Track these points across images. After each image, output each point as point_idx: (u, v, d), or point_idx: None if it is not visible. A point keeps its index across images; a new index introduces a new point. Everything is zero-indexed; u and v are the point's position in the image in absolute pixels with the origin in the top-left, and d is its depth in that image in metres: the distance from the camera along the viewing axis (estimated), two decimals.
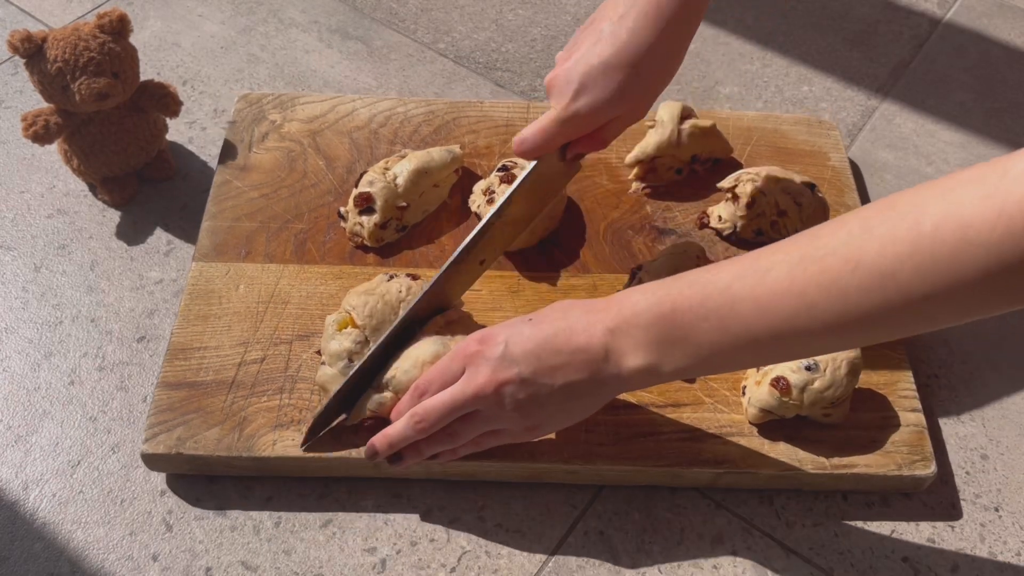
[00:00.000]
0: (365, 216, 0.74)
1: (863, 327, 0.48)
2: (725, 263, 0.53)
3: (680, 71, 0.96)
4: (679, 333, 0.52)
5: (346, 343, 0.64)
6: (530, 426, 0.59)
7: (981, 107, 0.95)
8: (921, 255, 0.44)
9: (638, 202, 0.80)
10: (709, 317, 0.51)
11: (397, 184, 0.75)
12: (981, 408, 0.72)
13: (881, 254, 0.45)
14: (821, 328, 0.48)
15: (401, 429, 0.60)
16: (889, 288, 0.45)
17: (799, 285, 0.48)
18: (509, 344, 0.56)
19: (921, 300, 0.45)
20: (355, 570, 0.62)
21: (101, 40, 0.73)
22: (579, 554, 0.64)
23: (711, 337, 0.51)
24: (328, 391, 0.64)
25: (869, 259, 0.46)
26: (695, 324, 0.52)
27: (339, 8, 1.02)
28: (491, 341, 0.57)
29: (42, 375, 0.71)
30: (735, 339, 0.51)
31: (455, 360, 0.59)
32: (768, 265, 0.50)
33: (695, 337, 0.52)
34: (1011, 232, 0.41)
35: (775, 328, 0.49)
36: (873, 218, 0.47)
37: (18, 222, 0.80)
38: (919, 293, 0.45)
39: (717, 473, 0.65)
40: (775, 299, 0.49)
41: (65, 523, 0.64)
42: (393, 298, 0.66)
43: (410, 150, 0.79)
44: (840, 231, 0.48)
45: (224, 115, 0.89)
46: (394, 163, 0.77)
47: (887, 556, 0.64)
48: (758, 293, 0.50)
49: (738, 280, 0.51)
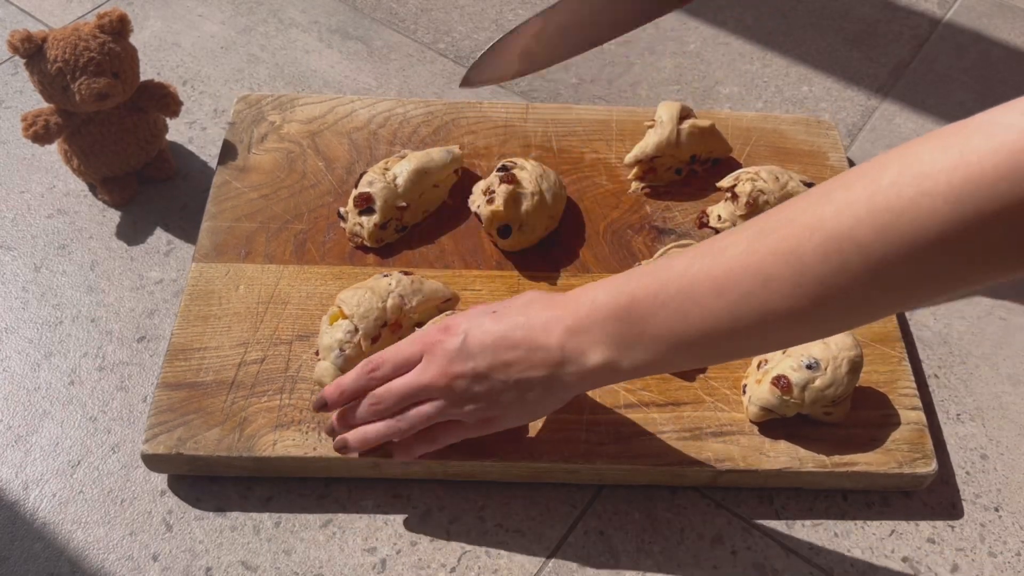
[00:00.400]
0: (365, 216, 0.74)
1: (824, 302, 0.45)
2: (687, 249, 0.51)
3: (680, 71, 0.97)
4: (637, 327, 0.51)
5: (337, 334, 0.65)
6: (485, 419, 0.59)
7: (981, 107, 0.94)
8: (878, 211, 0.42)
9: (638, 202, 0.80)
10: (667, 304, 0.49)
11: (397, 184, 0.75)
12: (981, 408, 0.72)
13: (838, 215, 0.43)
14: (778, 304, 0.46)
15: (361, 409, 0.60)
16: (847, 250, 0.43)
17: (757, 258, 0.46)
18: (468, 336, 0.56)
19: (881, 262, 0.42)
20: (355, 570, 0.62)
21: (101, 40, 0.73)
22: (579, 554, 0.64)
23: (669, 326, 0.50)
24: (324, 386, 0.64)
25: (827, 222, 0.44)
26: (653, 314, 0.50)
27: (339, 8, 1.02)
28: (451, 331, 0.57)
29: (42, 375, 0.71)
30: (693, 327, 0.49)
31: (414, 345, 0.59)
32: (726, 243, 0.48)
33: (653, 329, 0.50)
34: (969, 179, 0.39)
35: (732, 310, 0.47)
36: (833, 185, 0.45)
37: (18, 222, 0.80)
38: (878, 253, 0.42)
39: (717, 472, 0.65)
40: (732, 276, 0.47)
41: (65, 523, 0.64)
42: (382, 289, 0.67)
43: (410, 150, 0.79)
44: (800, 202, 0.46)
45: (224, 115, 0.89)
46: (394, 163, 0.77)
47: (887, 556, 0.64)
48: (715, 273, 0.48)
49: (696, 261, 0.49)
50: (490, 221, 0.74)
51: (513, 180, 0.74)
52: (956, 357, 0.75)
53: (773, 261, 0.45)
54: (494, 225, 0.74)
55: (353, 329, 0.65)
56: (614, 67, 0.97)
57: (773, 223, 0.47)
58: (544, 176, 0.76)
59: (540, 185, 0.75)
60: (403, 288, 0.67)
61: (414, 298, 0.67)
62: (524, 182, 0.74)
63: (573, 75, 0.96)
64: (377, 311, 0.65)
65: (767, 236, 0.46)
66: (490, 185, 0.75)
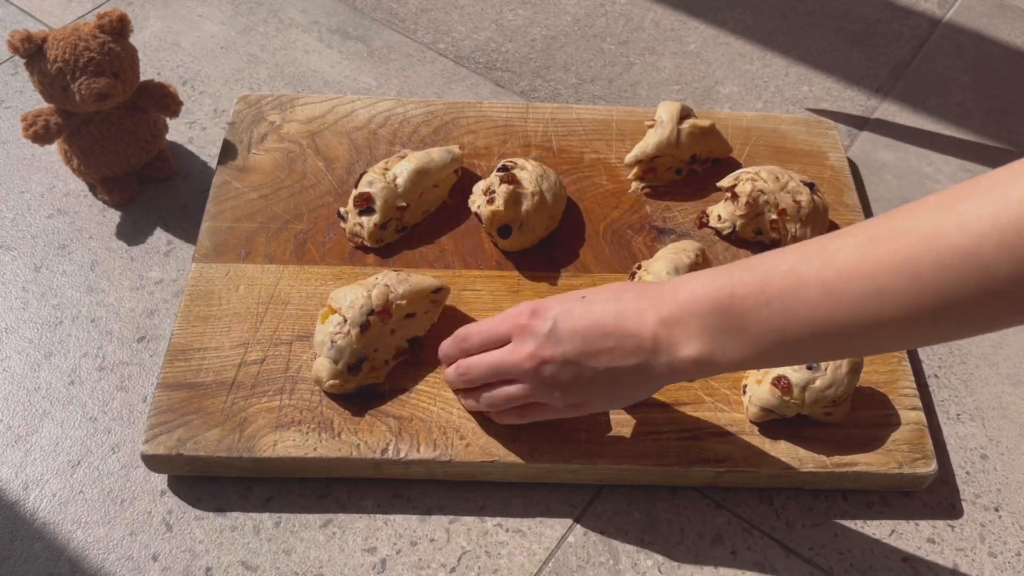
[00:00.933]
0: (365, 216, 0.74)
1: (939, 315, 0.43)
2: (788, 248, 0.50)
3: (680, 71, 0.97)
4: (737, 322, 0.50)
5: (328, 328, 0.66)
6: (572, 404, 0.59)
7: (981, 107, 0.95)
8: (1005, 230, 0.40)
9: (637, 202, 0.80)
10: (771, 303, 0.48)
11: (397, 184, 0.75)
12: (981, 408, 0.72)
13: (961, 229, 0.42)
14: (891, 314, 0.45)
15: (450, 372, 0.63)
16: (969, 267, 0.41)
17: (869, 264, 0.45)
18: (558, 321, 0.56)
19: (1005, 281, 0.41)
20: (355, 570, 0.62)
21: (101, 40, 0.73)
22: (579, 554, 0.64)
23: (772, 324, 0.49)
24: (322, 381, 0.65)
25: (947, 236, 0.42)
26: (755, 311, 0.49)
27: (339, 8, 1.02)
28: (540, 315, 0.57)
29: (42, 375, 0.71)
30: (798, 327, 0.48)
31: (503, 323, 0.59)
32: (836, 246, 0.47)
33: (754, 326, 0.49)
34: None
35: (841, 314, 0.46)
36: (951, 197, 0.43)
37: (18, 222, 0.80)
38: (1002, 273, 0.41)
39: (718, 472, 0.65)
40: (842, 281, 0.46)
41: (65, 523, 0.64)
42: (368, 282, 0.67)
43: (410, 150, 0.79)
44: (915, 211, 0.45)
45: (224, 115, 0.89)
46: (394, 163, 0.77)
47: (887, 556, 0.64)
48: (824, 275, 0.46)
49: (803, 262, 0.48)
50: (490, 221, 0.74)
51: (513, 180, 0.74)
52: (956, 357, 0.75)
53: (887, 271, 0.44)
54: (494, 225, 0.74)
55: (342, 320, 0.65)
56: (614, 67, 0.97)
57: (886, 230, 0.45)
58: (544, 176, 0.76)
59: (540, 185, 0.75)
60: (388, 279, 0.67)
61: (400, 287, 0.67)
62: (524, 182, 0.74)
63: (573, 75, 0.96)
64: (363, 299, 0.65)
65: (880, 243, 0.45)
66: (490, 185, 0.75)
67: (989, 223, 0.41)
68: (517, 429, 0.65)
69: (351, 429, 0.65)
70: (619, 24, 1.01)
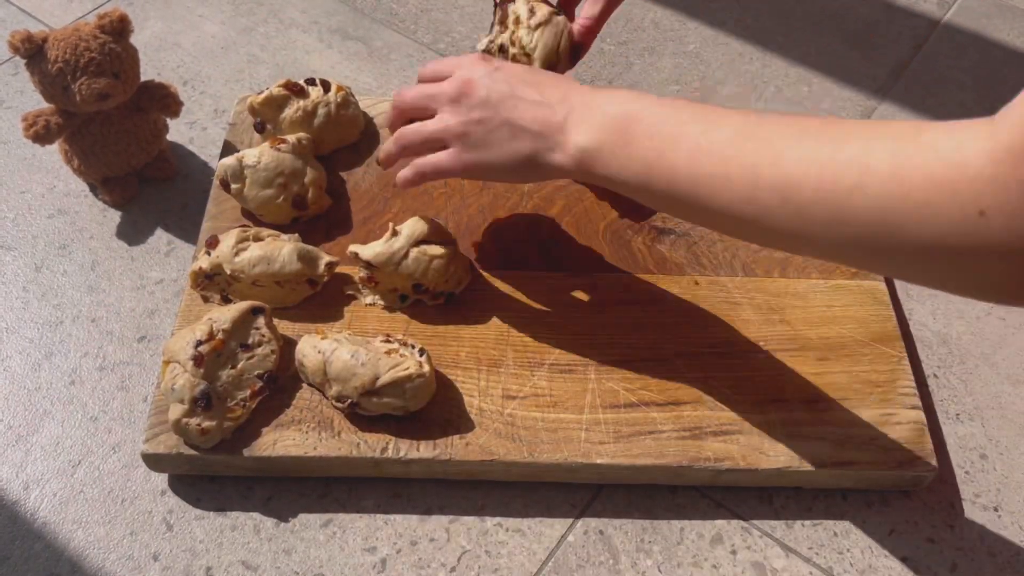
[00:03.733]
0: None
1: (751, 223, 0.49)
2: (700, 104, 0.55)
3: (680, 71, 0.97)
4: (623, 138, 0.55)
5: (167, 378, 0.64)
6: (469, 159, 0.62)
7: (981, 107, 0.95)
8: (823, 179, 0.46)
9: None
10: (653, 138, 0.54)
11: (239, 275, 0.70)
12: (980, 408, 0.73)
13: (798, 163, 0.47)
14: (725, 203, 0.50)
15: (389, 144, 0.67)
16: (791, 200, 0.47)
17: (730, 152, 0.50)
18: (499, 69, 0.62)
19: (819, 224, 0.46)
20: (355, 570, 0.62)
21: (102, 40, 0.73)
22: (579, 554, 0.64)
23: (646, 157, 0.54)
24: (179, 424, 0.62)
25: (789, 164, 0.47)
26: (640, 140, 0.54)
27: (339, 8, 1.02)
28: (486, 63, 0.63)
29: (43, 375, 0.71)
30: (660, 172, 0.53)
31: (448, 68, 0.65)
32: (726, 122, 0.52)
33: (634, 150, 0.54)
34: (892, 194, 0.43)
35: (691, 181, 0.52)
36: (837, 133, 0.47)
37: (19, 222, 0.80)
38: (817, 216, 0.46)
39: (717, 471, 0.65)
40: (703, 153, 0.51)
41: (66, 523, 0.64)
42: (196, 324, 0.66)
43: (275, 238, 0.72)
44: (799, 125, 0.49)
45: (224, 115, 0.89)
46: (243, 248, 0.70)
47: (887, 556, 0.64)
48: (700, 141, 0.52)
49: (694, 120, 0.53)
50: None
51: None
52: (956, 357, 0.76)
53: (738, 168, 0.49)
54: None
55: (176, 364, 0.63)
56: (614, 67, 0.97)
57: (764, 131, 0.50)
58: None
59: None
60: (214, 313, 0.65)
61: (223, 316, 0.65)
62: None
63: (573, 75, 0.96)
64: (188, 337, 0.64)
65: (749, 140, 0.50)
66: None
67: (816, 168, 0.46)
68: (517, 428, 0.65)
69: (351, 428, 0.65)
70: (619, 24, 1.01)
